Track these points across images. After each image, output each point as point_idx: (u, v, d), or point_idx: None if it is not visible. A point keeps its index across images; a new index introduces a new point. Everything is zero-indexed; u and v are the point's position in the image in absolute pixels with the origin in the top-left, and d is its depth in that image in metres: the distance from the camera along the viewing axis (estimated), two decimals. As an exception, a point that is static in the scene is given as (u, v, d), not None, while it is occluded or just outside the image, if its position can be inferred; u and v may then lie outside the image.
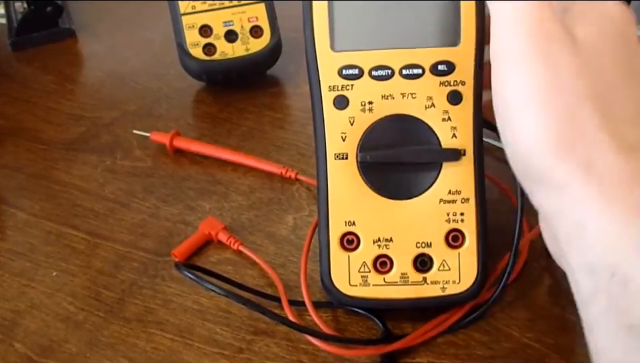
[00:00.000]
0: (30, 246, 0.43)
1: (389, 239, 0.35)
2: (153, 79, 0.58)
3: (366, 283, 0.35)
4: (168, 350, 0.36)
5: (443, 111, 0.34)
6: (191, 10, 0.53)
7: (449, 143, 0.34)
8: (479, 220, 0.35)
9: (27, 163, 0.50)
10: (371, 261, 0.35)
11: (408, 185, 0.35)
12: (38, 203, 0.46)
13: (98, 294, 0.39)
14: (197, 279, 0.36)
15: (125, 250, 0.42)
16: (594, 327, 0.26)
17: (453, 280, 0.35)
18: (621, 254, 0.25)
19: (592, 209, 0.26)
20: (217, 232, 0.42)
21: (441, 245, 0.35)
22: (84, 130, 0.53)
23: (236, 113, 0.54)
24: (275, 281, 0.38)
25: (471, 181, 0.34)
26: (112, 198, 0.46)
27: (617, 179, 0.26)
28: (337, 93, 0.35)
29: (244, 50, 0.54)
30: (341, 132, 0.35)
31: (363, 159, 0.35)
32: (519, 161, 0.29)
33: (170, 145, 0.49)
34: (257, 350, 0.36)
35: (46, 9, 0.64)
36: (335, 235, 0.35)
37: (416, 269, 0.35)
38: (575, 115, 0.27)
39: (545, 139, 0.27)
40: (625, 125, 0.27)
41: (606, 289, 0.25)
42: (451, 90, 0.34)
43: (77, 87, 0.60)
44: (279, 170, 0.46)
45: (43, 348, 0.37)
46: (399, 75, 0.34)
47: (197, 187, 0.47)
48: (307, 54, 0.35)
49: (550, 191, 0.27)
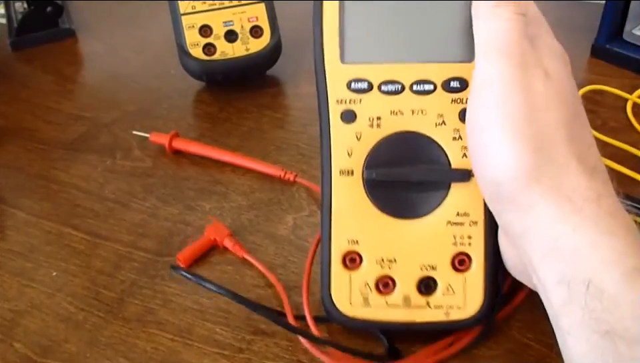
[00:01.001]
0: (30, 246, 0.43)
1: (393, 259, 0.34)
2: (153, 79, 0.58)
3: (367, 304, 0.34)
4: (168, 350, 0.36)
5: (454, 129, 0.33)
6: (190, 10, 0.53)
7: (459, 163, 0.33)
8: (488, 244, 0.33)
9: (26, 163, 0.50)
10: (373, 281, 0.34)
11: (414, 204, 0.34)
12: (38, 203, 0.46)
13: (98, 294, 0.39)
14: (196, 279, 0.36)
15: (124, 250, 0.42)
16: (568, 336, 0.27)
17: (457, 305, 0.33)
18: (595, 266, 0.27)
19: (565, 226, 0.28)
20: (222, 238, 0.41)
21: (447, 269, 0.33)
22: (84, 130, 0.53)
23: (236, 113, 0.54)
24: (279, 291, 0.38)
25: (480, 204, 0.33)
26: (112, 198, 0.46)
27: (585, 196, 0.28)
28: (344, 107, 0.33)
29: (244, 50, 0.54)
30: (347, 147, 0.34)
31: (368, 177, 0.33)
32: (488, 183, 0.31)
33: (169, 146, 0.49)
34: (256, 350, 0.36)
35: (46, 9, 0.64)
36: (337, 253, 0.34)
37: (419, 292, 0.34)
38: (547, 142, 0.29)
39: (518, 165, 0.28)
40: (585, 149, 0.30)
41: (581, 300, 0.26)
42: (463, 108, 0.32)
43: (76, 87, 0.60)
44: (277, 172, 0.46)
45: (42, 348, 0.36)
46: (410, 90, 0.33)
47: (196, 187, 0.47)
48: (316, 65, 0.34)
49: (520, 212, 0.29)
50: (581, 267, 0.27)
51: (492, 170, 0.30)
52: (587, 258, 0.27)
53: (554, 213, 0.28)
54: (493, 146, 0.29)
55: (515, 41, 0.30)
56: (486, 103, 0.30)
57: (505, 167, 0.29)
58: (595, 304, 0.26)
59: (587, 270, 0.27)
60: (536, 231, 0.29)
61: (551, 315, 0.29)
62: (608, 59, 0.57)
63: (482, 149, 0.30)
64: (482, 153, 0.30)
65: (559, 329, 0.28)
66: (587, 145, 0.30)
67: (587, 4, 0.62)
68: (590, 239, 0.27)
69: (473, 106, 0.31)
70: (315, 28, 0.33)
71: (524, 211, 0.29)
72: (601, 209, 0.28)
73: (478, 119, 0.30)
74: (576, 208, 0.28)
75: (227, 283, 0.39)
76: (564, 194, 0.28)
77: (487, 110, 0.30)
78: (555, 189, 0.28)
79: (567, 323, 0.27)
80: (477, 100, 0.31)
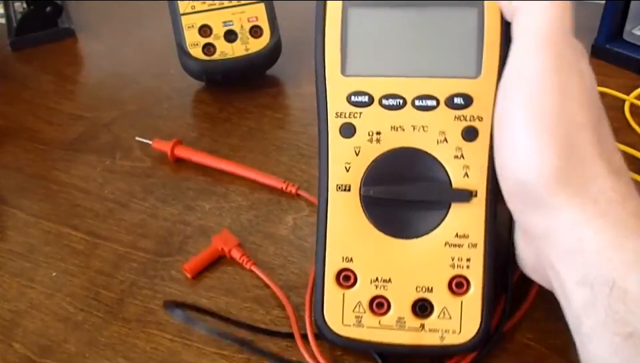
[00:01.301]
0: (29, 246, 0.43)
1: (388, 279, 0.33)
2: (153, 79, 0.58)
3: (360, 324, 0.33)
4: (167, 350, 0.36)
5: (456, 147, 0.32)
6: (190, 10, 0.53)
7: (460, 182, 0.32)
8: (487, 268, 0.32)
9: (26, 163, 0.50)
10: (367, 301, 0.33)
11: (412, 224, 0.33)
12: (37, 203, 0.46)
13: (97, 294, 0.39)
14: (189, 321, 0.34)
15: (124, 250, 0.42)
16: (589, 338, 0.27)
17: (453, 330, 0.32)
18: (619, 268, 0.26)
19: (590, 228, 0.27)
20: (230, 249, 0.40)
21: (443, 291, 0.32)
22: (83, 130, 0.53)
23: (236, 113, 0.54)
24: (286, 307, 0.37)
25: (480, 226, 0.32)
26: (111, 198, 0.46)
27: (609, 199, 0.28)
28: (344, 121, 0.33)
29: (243, 50, 0.54)
30: (345, 162, 0.33)
31: (365, 193, 0.33)
32: (512, 181, 0.30)
33: (171, 155, 0.48)
34: (256, 349, 0.35)
35: (45, 8, 0.64)
36: (331, 270, 0.33)
37: (414, 314, 0.33)
38: (575, 144, 0.28)
39: (547, 167, 0.28)
40: (611, 151, 0.29)
41: (604, 301, 0.26)
42: (467, 126, 0.32)
43: (76, 87, 0.60)
44: (279, 185, 0.45)
45: (42, 348, 0.36)
46: (411, 106, 0.32)
47: (196, 187, 0.47)
48: (316, 77, 0.33)
49: (544, 213, 0.29)
50: (604, 269, 0.27)
51: (518, 169, 0.29)
52: (610, 259, 0.27)
53: (578, 215, 0.28)
54: (521, 146, 0.29)
55: (553, 42, 0.29)
56: (518, 100, 0.29)
57: (532, 167, 0.28)
58: (618, 306, 0.26)
59: (611, 271, 0.26)
60: (559, 233, 0.28)
61: (570, 317, 0.28)
62: (608, 59, 0.57)
63: (509, 147, 0.30)
64: (508, 150, 0.30)
65: (578, 333, 0.28)
66: (611, 146, 0.30)
67: (587, 4, 0.62)
68: (614, 241, 0.27)
69: (504, 102, 0.30)
70: (317, 39, 0.33)
71: (548, 212, 0.28)
72: (625, 211, 0.27)
73: (507, 116, 0.30)
74: (600, 210, 0.27)
75: (226, 282, 0.39)
76: (590, 197, 0.28)
77: (518, 108, 0.29)
78: (581, 192, 0.28)
79: (589, 326, 0.27)
80: (508, 96, 0.30)
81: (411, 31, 0.32)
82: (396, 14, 0.32)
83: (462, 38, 0.32)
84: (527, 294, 0.36)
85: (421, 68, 0.32)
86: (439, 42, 0.32)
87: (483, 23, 0.32)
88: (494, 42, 0.32)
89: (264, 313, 0.37)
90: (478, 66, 0.31)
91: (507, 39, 0.31)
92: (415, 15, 0.32)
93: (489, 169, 0.32)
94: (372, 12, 0.33)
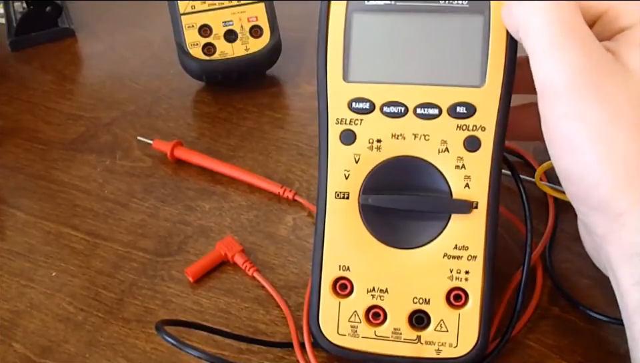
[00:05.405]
0: (29, 246, 0.43)
1: (385, 290, 0.32)
2: (153, 79, 0.58)
3: (355, 334, 0.32)
4: (167, 351, 0.36)
5: (457, 157, 0.31)
6: (190, 10, 0.53)
7: (460, 193, 0.32)
8: (486, 281, 0.32)
9: (26, 163, 0.50)
10: (362, 311, 0.32)
11: (411, 234, 0.32)
12: (37, 203, 0.46)
13: (97, 294, 0.39)
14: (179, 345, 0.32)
15: (124, 250, 0.42)
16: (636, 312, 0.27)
17: (449, 343, 0.32)
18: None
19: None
20: (233, 254, 0.40)
21: (441, 304, 0.32)
22: (83, 130, 0.53)
23: (236, 113, 0.54)
24: (288, 319, 0.36)
25: (480, 238, 0.32)
26: (111, 198, 0.46)
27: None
28: (344, 127, 0.32)
29: (243, 50, 0.54)
30: (345, 169, 0.32)
31: (364, 202, 0.32)
32: (576, 188, 0.29)
33: (170, 155, 0.48)
34: (256, 350, 0.35)
35: (45, 8, 0.64)
36: (328, 278, 0.33)
37: (411, 326, 0.32)
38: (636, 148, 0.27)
39: (610, 174, 0.28)
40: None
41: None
42: (469, 135, 0.31)
43: (76, 87, 0.60)
44: (277, 190, 0.45)
45: (42, 349, 0.36)
46: (413, 114, 0.32)
47: (196, 187, 0.47)
48: (318, 82, 0.33)
49: (607, 217, 0.29)
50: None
51: (583, 177, 0.28)
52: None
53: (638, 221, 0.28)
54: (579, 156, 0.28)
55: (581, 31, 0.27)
56: (560, 113, 0.28)
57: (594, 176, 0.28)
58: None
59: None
60: (620, 236, 0.28)
61: (625, 317, 0.29)
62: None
63: (570, 154, 0.29)
64: (570, 158, 0.29)
65: (630, 332, 0.28)
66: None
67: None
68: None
69: (547, 116, 0.29)
70: (320, 44, 0.32)
71: (610, 216, 0.28)
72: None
73: (556, 130, 0.29)
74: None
75: (226, 282, 0.39)
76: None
77: (564, 121, 0.28)
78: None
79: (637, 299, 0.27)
80: (549, 110, 0.29)
81: (415, 38, 0.32)
82: (400, 21, 0.32)
83: (466, 46, 0.31)
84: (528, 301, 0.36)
85: (424, 75, 0.32)
86: (442, 49, 0.32)
87: (489, 31, 0.31)
88: (499, 51, 0.31)
89: (264, 313, 0.37)
90: (482, 75, 0.31)
91: (512, 48, 0.31)
92: (419, 21, 0.32)
93: (490, 180, 0.32)
94: (376, 18, 0.32)
